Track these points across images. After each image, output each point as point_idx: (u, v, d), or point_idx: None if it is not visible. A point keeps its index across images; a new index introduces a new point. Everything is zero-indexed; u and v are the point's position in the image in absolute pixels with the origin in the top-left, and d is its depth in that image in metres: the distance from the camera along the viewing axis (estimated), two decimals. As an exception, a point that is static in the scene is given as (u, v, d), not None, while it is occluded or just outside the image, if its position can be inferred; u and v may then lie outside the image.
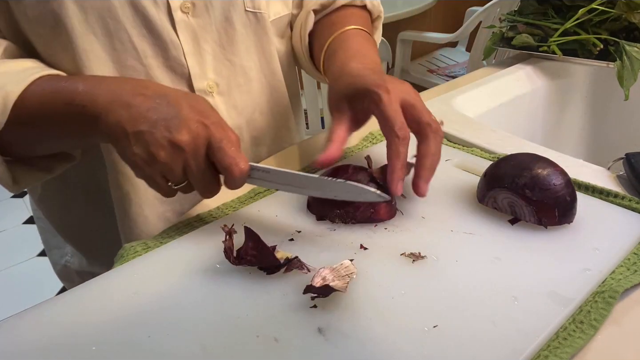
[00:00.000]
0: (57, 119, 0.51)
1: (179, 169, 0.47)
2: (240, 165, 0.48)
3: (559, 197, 0.50)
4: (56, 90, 0.51)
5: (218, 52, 0.64)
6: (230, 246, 0.47)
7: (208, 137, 0.47)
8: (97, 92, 0.49)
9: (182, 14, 0.60)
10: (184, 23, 0.60)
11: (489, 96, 0.84)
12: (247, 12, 0.65)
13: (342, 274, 0.44)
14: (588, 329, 0.41)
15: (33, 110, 0.51)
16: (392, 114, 0.50)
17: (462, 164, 0.63)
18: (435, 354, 0.39)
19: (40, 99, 0.51)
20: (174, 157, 0.47)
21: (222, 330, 0.42)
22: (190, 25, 0.61)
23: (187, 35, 0.61)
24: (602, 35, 0.86)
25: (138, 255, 0.51)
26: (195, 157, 0.47)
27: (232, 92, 0.67)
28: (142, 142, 0.46)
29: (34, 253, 2.13)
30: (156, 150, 0.46)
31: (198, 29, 0.61)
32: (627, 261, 0.48)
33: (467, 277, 0.46)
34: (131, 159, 0.47)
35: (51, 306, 0.45)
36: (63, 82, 0.52)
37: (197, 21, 0.61)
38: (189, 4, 0.60)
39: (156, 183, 0.49)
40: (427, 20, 2.69)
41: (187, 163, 0.47)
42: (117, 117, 0.47)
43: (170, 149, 0.46)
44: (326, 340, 0.40)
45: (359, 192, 0.49)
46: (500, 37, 0.96)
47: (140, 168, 0.48)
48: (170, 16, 0.59)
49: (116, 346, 0.41)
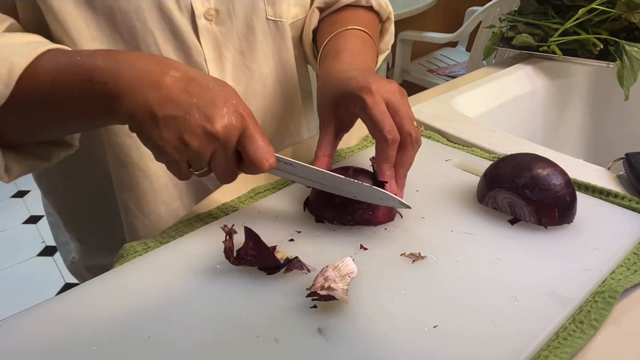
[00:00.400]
0: (71, 96, 0.47)
1: (207, 157, 0.46)
2: (270, 160, 0.47)
3: (559, 197, 0.50)
4: (71, 65, 0.47)
5: (238, 59, 0.65)
6: (230, 246, 0.47)
7: (242, 128, 0.46)
8: (120, 69, 0.45)
9: (206, 21, 0.60)
10: (206, 30, 0.60)
11: (489, 96, 0.84)
12: (269, 20, 0.65)
13: (343, 272, 0.44)
14: (588, 329, 0.41)
15: (43, 87, 0.47)
16: (379, 117, 0.50)
17: (462, 164, 0.63)
18: (435, 354, 0.39)
19: (52, 75, 0.47)
20: (207, 146, 0.45)
21: (222, 330, 0.42)
22: (212, 33, 0.61)
23: (209, 42, 0.61)
24: (602, 35, 0.86)
25: (138, 255, 0.51)
26: (227, 147, 0.46)
27: (248, 98, 0.67)
28: (174, 127, 0.44)
29: (34, 253, 2.13)
30: (189, 138, 0.44)
31: (220, 36, 0.62)
32: (627, 261, 0.48)
33: (467, 277, 0.46)
34: (158, 144, 0.45)
35: (51, 306, 0.45)
36: (79, 57, 0.47)
37: (220, 29, 0.62)
38: (212, 11, 0.60)
39: (179, 168, 0.47)
40: (427, 20, 2.69)
41: (217, 151, 0.46)
42: (144, 98, 0.44)
43: (204, 138, 0.45)
44: (326, 340, 0.40)
45: (382, 196, 0.49)
46: (500, 37, 0.96)
47: (168, 154, 0.46)
48: (193, 23, 0.59)
49: (116, 346, 0.41)
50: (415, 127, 0.52)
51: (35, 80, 0.47)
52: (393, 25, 0.76)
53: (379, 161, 0.51)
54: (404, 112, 0.52)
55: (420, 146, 0.53)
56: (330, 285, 0.43)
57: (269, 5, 0.65)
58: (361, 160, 0.65)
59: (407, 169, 0.53)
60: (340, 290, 0.42)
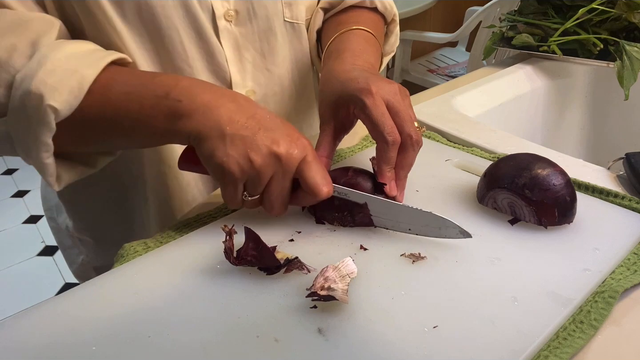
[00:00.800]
0: (140, 111, 0.48)
1: (266, 179, 0.47)
2: (327, 187, 0.49)
3: (559, 197, 0.50)
4: (148, 80, 0.49)
5: (258, 60, 0.65)
6: (231, 246, 0.47)
7: (304, 155, 0.47)
8: (196, 91, 0.48)
9: (226, 22, 0.61)
10: (226, 31, 0.61)
11: (489, 96, 0.84)
12: (286, 22, 0.66)
13: (343, 273, 0.44)
14: (588, 329, 0.41)
15: (115, 100, 0.49)
16: (379, 118, 0.50)
17: (462, 164, 0.63)
18: (435, 354, 0.39)
19: (126, 89, 0.49)
20: (269, 166, 0.46)
21: (222, 330, 0.42)
22: (232, 33, 0.62)
23: (229, 43, 0.62)
24: (602, 35, 0.86)
25: (138, 255, 0.51)
26: (287, 171, 0.47)
27: (267, 100, 0.68)
28: (240, 145, 0.46)
29: (34, 253, 2.13)
30: (254, 156, 0.46)
31: (240, 37, 0.62)
32: (627, 261, 0.48)
33: (467, 278, 0.46)
34: (222, 159, 0.46)
35: (51, 306, 0.45)
36: (152, 76, 0.50)
37: (240, 30, 0.62)
38: (232, 12, 0.61)
39: (233, 190, 0.48)
40: (427, 20, 2.69)
41: (276, 174, 0.47)
42: (217, 117, 0.46)
43: (267, 157, 0.46)
44: (326, 340, 0.40)
45: (440, 224, 0.49)
46: (500, 37, 0.96)
47: (229, 171, 0.46)
48: (214, 23, 0.60)
49: (116, 346, 0.41)
50: (416, 129, 0.52)
51: (106, 93, 0.49)
52: (398, 28, 0.76)
53: (379, 163, 0.51)
54: (404, 114, 0.51)
55: (421, 147, 0.53)
56: (330, 285, 0.43)
57: (286, 7, 0.65)
58: (362, 160, 0.65)
59: (408, 171, 0.53)
60: (340, 291, 0.42)
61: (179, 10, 0.57)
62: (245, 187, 0.48)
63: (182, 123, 0.47)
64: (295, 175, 0.48)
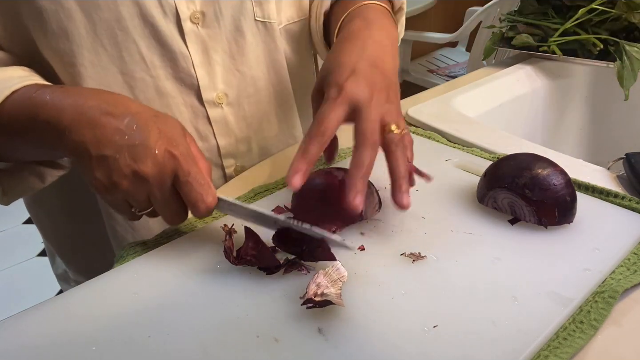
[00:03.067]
0: (24, 132, 0.48)
1: (142, 198, 0.46)
2: (207, 201, 0.46)
3: (559, 197, 0.50)
4: (25, 101, 0.48)
5: (228, 62, 0.63)
6: (230, 246, 0.47)
7: (175, 169, 0.45)
8: (62, 107, 0.46)
9: (192, 24, 0.59)
10: (193, 34, 0.59)
11: (489, 96, 0.84)
12: (257, 21, 0.64)
13: (334, 277, 0.44)
14: (588, 329, 0.41)
15: (4, 122, 0.49)
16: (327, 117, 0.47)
17: (462, 164, 0.63)
18: (435, 354, 0.39)
19: (10, 111, 0.48)
20: (137, 187, 0.45)
21: (222, 330, 0.42)
22: (199, 36, 0.60)
23: (197, 46, 0.60)
24: (602, 35, 0.86)
25: (138, 255, 0.51)
26: (161, 188, 0.45)
27: (241, 102, 0.66)
28: (104, 168, 0.44)
29: (34, 253, 2.13)
30: (118, 179, 0.44)
31: (208, 39, 0.61)
32: (627, 261, 0.48)
33: (467, 277, 0.46)
34: (92, 183, 0.45)
35: (51, 306, 0.45)
36: (33, 93, 0.49)
37: (207, 31, 0.60)
38: (198, 14, 0.59)
39: (119, 208, 0.48)
40: (427, 20, 2.69)
41: (151, 193, 0.45)
42: (81, 137, 0.44)
43: (133, 179, 0.44)
44: (326, 340, 0.40)
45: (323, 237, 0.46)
46: (500, 37, 0.96)
47: (102, 194, 0.46)
48: (179, 27, 0.58)
49: (116, 346, 0.41)
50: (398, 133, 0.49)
51: (5, 115, 0.48)
52: (404, 17, 0.73)
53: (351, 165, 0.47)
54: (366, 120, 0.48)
55: (411, 143, 0.51)
56: (323, 291, 0.42)
57: (257, 6, 0.63)
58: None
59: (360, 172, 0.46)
60: (334, 295, 0.42)
61: (135, 21, 0.56)
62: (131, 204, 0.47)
63: (57, 143, 0.46)
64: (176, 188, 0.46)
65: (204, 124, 0.64)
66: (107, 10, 0.54)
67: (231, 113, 0.66)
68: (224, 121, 0.65)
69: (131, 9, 0.55)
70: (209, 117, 0.64)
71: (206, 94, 0.62)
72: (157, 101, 0.60)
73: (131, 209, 0.47)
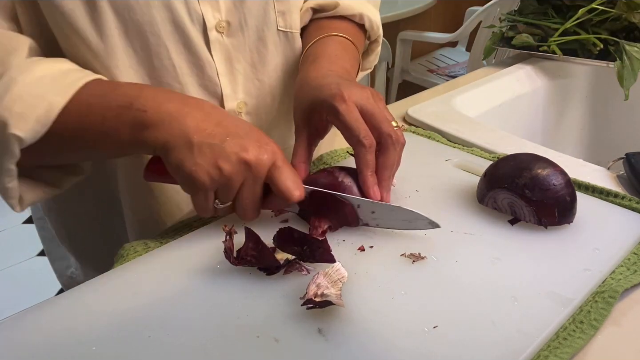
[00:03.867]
0: (102, 122, 0.48)
1: (236, 187, 0.47)
2: (298, 191, 0.49)
3: (559, 197, 0.50)
4: (110, 92, 0.49)
5: (249, 72, 0.63)
6: (231, 246, 0.47)
7: (273, 160, 0.47)
8: (160, 100, 0.47)
9: (217, 33, 0.59)
10: (218, 43, 0.59)
11: (489, 96, 0.84)
12: (279, 31, 0.64)
13: (334, 278, 0.44)
14: (588, 329, 0.41)
15: (77, 116, 0.48)
16: (353, 123, 0.50)
17: (462, 164, 0.63)
18: (435, 354, 0.39)
19: (88, 102, 0.48)
20: (238, 173, 0.46)
21: (222, 330, 0.42)
22: (224, 45, 0.60)
23: (221, 55, 0.60)
24: (602, 35, 0.86)
25: (138, 255, 0.51)
26: (257, 177, 0.47)
27: (259, 112, 0.66)
28: (209, 153, 0.46)
29: (34, 253, 2.13)
30: (223, 164, 0.45)
31: (232, 48, 0.61)
32: (627, 261, 0.48)
33: (467, 277, 0.46)
34: (190, 169, 0.46)
35: (51, 306, 0.45)
36: (117, 86, 0.50)
37: (231, 41, 0.60)
38: (224, 23, 0.59)
39: (204, 199, 0.48)
40: (427, 20, 2.69)
41: (246, 180, 0.47)
42: (184, 126, 0.46)
43: (237, 165, 0.46)
44: (326, 341, 0.40)
45: (410, 218, 0.50)
46: (500, 37, 0.96)
47: (199, 180, 0.46)
48: (205, 35, 0.58)
49: (116, 346, 0.41)
50: (394, 129, 0.51)
51: (70, 112, 0.47)
52: (380, 48, 0.74)
53: (359, 168, 0.51)
54: (379, 115, 0.51)
55: (404, 145, 0.52)
56: (323, 292, 0.42)
57: (280, 16, 0.63)
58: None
59: (391, 171, 0.52)
60: (334, 295, 0.42)
61: (167, 26, 0.55)
62: (216, 195, 0.48)
63: (148, 133, 0.47)
64: (266, 181, 0.48)
65: None
66: (139, 13, 0.53)
67: (249, 121, 0.64)
68: None
69: (163, 13, 0.55)
70: None
71: (228, 103, 0.62)
72: None
73: (214, 202, 0.48)
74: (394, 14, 2.16)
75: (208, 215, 0.50)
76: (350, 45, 0.64)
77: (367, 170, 0.51)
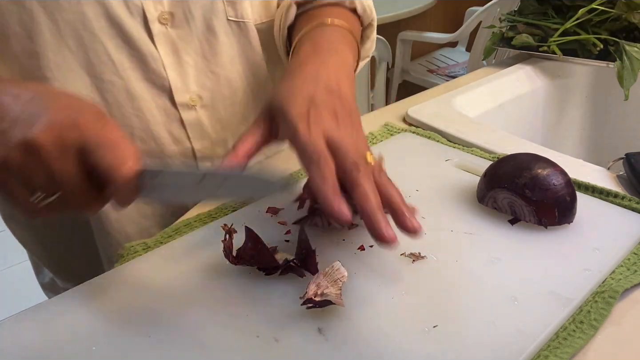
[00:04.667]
0: None
1: (39, 176, 0.39)
2: (128, 164, 0.39)
3: (559, 197, 0.50)
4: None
5: (201, 63, 0.61)
6: (230, 246, 0.46)
7: (80, 138, 0.39)
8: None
9: (161, 25, 0.57)
10: (162, 34, 0.57)
11: (489, 96, 0.84)
12: (230, 21, 0.61)
13: (335, 277, 0.44)
14: (588, 329, 0.41)
15: None
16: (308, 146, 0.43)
17: (462, 164, 0.63)
18: (435, 354, 0.39)
19: None
20: (31, 160, 0.38)
21: (222, 330, 0.42)
22: (169, 37, 0.58)
23: (167, 47, 0.58)
24: (602, 35, 0.86)
25: (138, 255, 0.51)
26: (63, 158, 0.39)
27: (216, 105, 0.64)
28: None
29: (32, 254, 2.13)
30: (7, 152, 0.38)
31: (178, 40, 0.59)
32: (627, 261, 0.48)
33: (467, 277, 0.46)
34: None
35: (51, 306, 0.45)
36: None
37: (177, 32, 0.58)
38: (166, 15, 0.57)
39: (13, 197, 0.40)
40: (427, 20, 2.69)
41: (51, 168, 0.39)
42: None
43: (25, 150, 0.38)
44: (326, 340, 0.40)
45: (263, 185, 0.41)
46: (500, 37, 0.96)
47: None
48: (147, 28, 0.56)
49: (116, 346, 0.41)
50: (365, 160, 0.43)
51: None
52: (375, 33, 0.70)
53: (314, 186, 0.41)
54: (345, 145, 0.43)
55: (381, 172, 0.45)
56: (323, 291, 0.42)
57: (229, 6, 0.61)
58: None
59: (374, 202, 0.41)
60: (334, 295, 0.42)
61: (101, 22, 0.54)
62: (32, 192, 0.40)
63: None
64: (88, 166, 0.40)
65: (178, 127, 0.62)
66: (70, 12, 0.52)
67: (206, 115, 0.64)
68: (198, 124, 0.63)
69: (96, 9, 0.53)
70: (182, 120, 0.62)
71: (179, 96, 0.60)
72: (128, 103, 0.59)
73: (30, 198, 0.40)
74: (394, 14, 2.16)
75: (33, 216, 0.42)
76: (347, 34, 0.59)
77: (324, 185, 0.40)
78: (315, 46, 0.55)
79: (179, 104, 0.61)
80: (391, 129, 0.73)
